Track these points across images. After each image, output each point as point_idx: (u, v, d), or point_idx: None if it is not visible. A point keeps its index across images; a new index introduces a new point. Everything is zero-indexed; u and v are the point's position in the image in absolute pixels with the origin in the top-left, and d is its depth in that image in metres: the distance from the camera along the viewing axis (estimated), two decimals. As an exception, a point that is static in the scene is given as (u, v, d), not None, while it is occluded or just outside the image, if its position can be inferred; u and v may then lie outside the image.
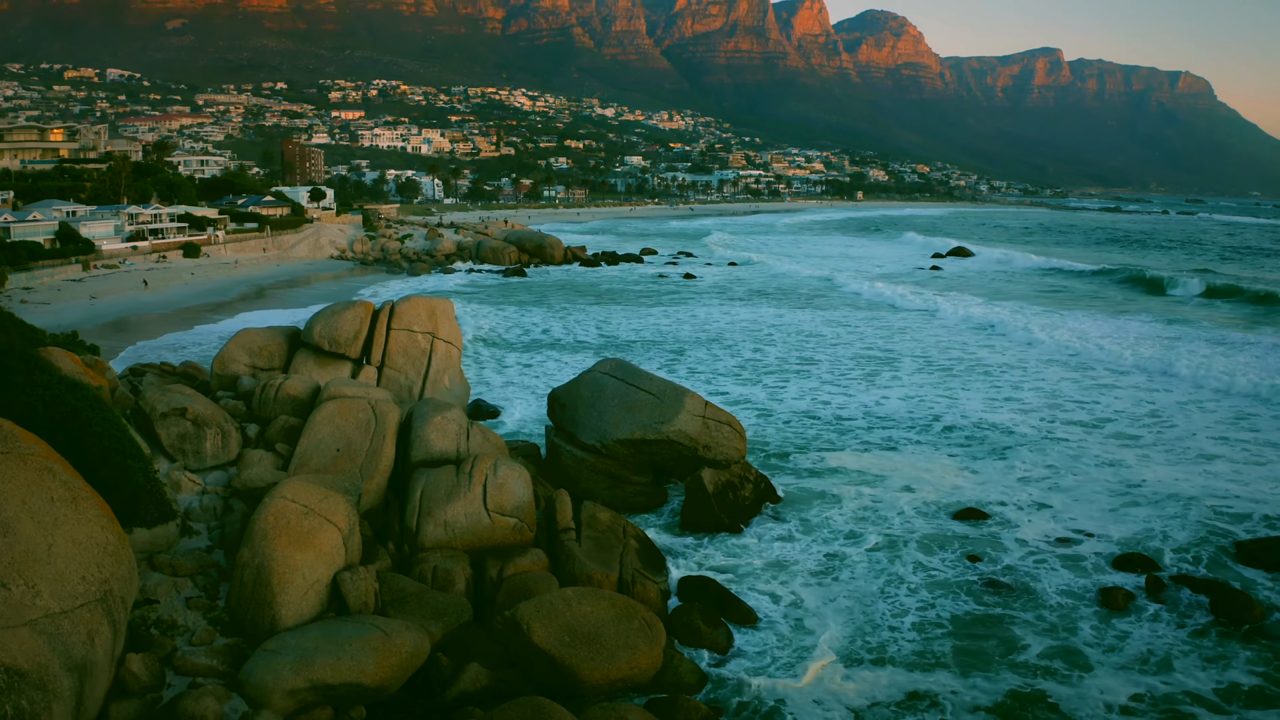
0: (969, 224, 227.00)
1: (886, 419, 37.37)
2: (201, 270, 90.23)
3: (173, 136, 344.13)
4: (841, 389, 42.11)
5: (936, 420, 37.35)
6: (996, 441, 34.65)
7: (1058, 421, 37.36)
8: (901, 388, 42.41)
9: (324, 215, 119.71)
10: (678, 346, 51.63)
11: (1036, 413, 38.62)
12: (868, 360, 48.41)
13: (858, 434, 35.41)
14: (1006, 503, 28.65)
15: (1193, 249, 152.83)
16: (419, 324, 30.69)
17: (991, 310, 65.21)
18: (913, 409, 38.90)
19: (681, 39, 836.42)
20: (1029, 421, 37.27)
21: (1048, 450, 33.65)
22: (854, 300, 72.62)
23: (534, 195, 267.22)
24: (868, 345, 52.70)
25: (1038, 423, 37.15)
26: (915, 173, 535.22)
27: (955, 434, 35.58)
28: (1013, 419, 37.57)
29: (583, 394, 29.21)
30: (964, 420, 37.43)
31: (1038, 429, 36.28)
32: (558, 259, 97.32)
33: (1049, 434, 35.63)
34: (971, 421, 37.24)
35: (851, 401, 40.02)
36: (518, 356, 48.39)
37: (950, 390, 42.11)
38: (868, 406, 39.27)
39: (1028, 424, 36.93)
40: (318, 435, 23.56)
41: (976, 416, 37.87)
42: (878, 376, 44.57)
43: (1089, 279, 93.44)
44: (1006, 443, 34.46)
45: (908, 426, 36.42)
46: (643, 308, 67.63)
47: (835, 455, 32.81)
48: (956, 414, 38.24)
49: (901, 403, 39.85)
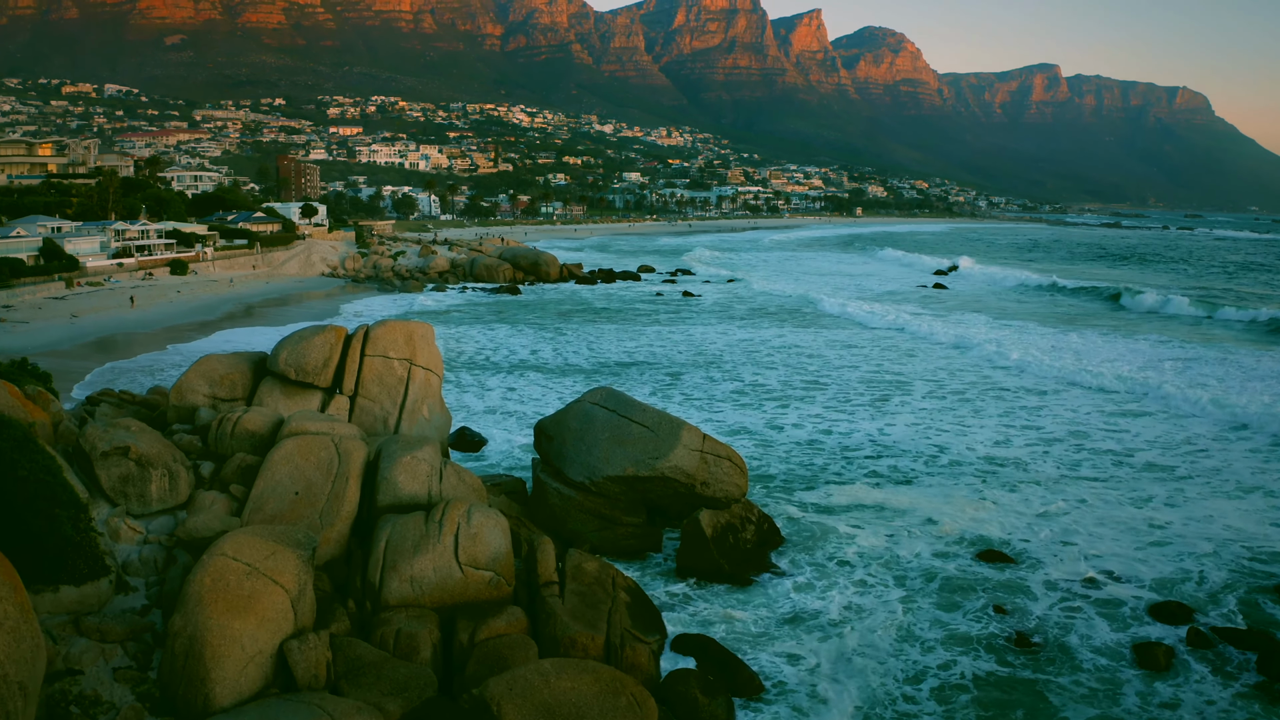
0: (969, 240, 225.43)
1: (895, 448, 35.18)
2: (188, 288, 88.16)
3: (169, 152, 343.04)
4: (847, 415, 39.95)
5: (949, 449, 35.18)
6: (1015, 473, 32.46)
7: (1081, 450, 35.17)
8: (911, 414, 40.24)
9: (315, 232, 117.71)
10: (673, 369, 49.47)
11: (1058, 441, 36.41)
12: (875, 384, 46.21)
13: (865, 464, 33.24)
14: (1029, 540, 26.50)
15: (1201, 265, 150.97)
16: (395, 350, 28.52)
17: (1002, 332, 63.10)
18: (924, 437, 36.72)
19: (680, 55, 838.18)
20: (1049, 450, 35.10)
21: (1070, 482, 31.48)
22: (858, 320, 70.45)
23: (531, 211, 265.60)
24: (875, 368, 50.49)
25: (1059, 452, 34.98)
26: (914, 189, 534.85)
27: (970, 464, 33.40)
28: (1031, 449, 35.39)
29: (571, 426, 27.04)
30: (979, 449, 35.26)
31: (1059, 459, 34.11)
32: (553, 276, 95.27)
33: (1071, 464, 33.46)
34: (987, 451, 35.07)
35: (858, 429, 37.86)
36: (506, 380, 46.21)
37: (962, 417, 39.92)
38: (875, 434, 37.09)
39: (1048, 453, 34.75)
40: (275, 476, 21.36)
41: (992, 445, 35.70)
42: (886, 402, 42.39)
43: (1101, 300, 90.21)
44: (1026, 474, 32.26)
45: (919, 456, 34.24)
46: (638, 327, 65.53)
47: (843, 489, 30.63)
48: (971, 442, 36.08)
49: (911, 430, 37.68)
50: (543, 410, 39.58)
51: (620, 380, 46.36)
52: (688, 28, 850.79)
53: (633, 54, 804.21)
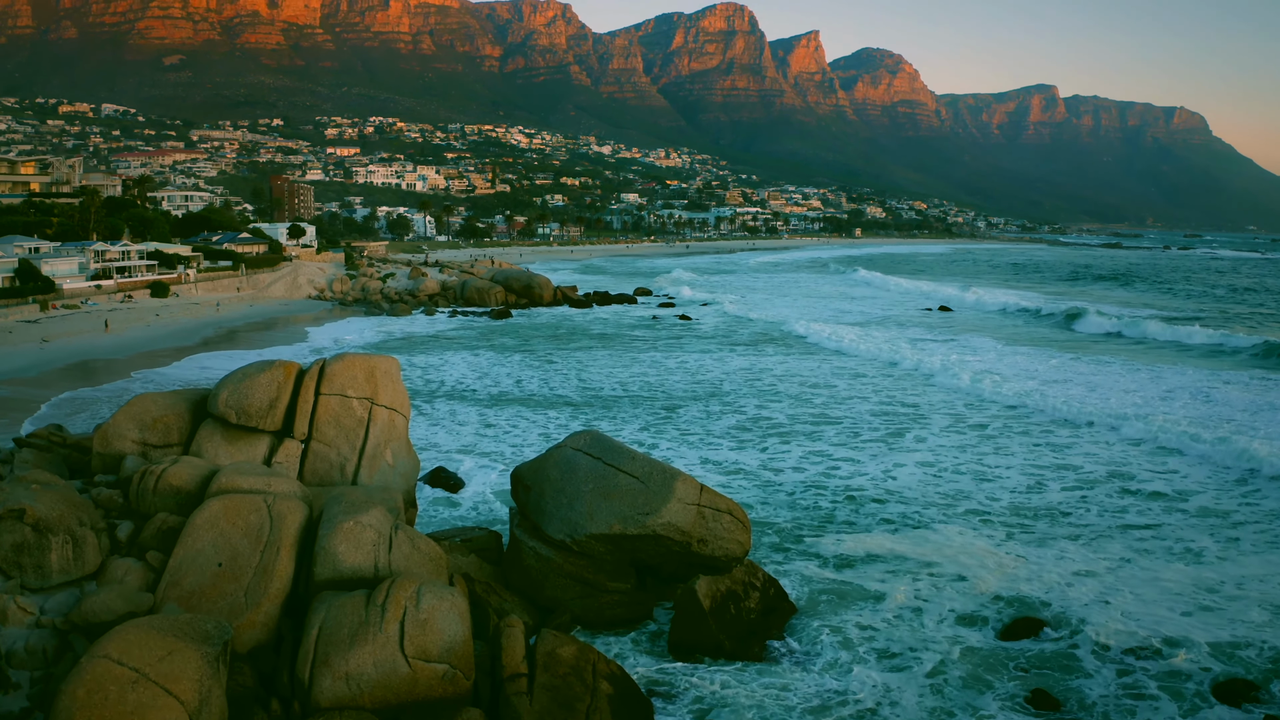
0: (974, 262, 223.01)
1: (913, 490, 31.98)
2: (168, 311, 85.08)
3: (165, 172, 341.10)
4: (858, 452, 36.78)
5: (973, 491, 31.99)
6: (1048, 518, 29.25)
7: (1121, 494, 31.95)
8: (929, 451, 37.03)
9: (303, 253, 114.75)
10: (669, 401, 46.28)
11: (1095, 485, 33.15)
12: (888, 417, 42.89)
13: (880, 509, 30.03)
14: (1068, 600, 23.29)
15: (1219, 288, 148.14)
16: (355, 387, 25.38)
17: (1022, 361, 59.97)
18: (944, 477, 33.53)
19: (678, 77, 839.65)
20: (1087, 495, 31.87)
21: (1110, 532, 28.27)
22: (864, 347, 67.22)
23: (528, 232, 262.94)
24: (886, 399, 47.16)
25: (1098, 496, 31.75)
26: (913, 210, 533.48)
27: (998, 508, 30.21)
28: (1066, 492, 32.15)
29: (550, 475, 23.87)
30: (1006, 491, 32.06)
31: (1095, 504, 30.89)
32: (546, 299, 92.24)
33: (1110, 510, 30.24)
34: (1016, 493, 31.87)
35: (871, 468, 34.68)
36: (488, 413, 43.02)
37: (984, 454, 36.70)
38: (891, 474, 33.90)
39: (1085, 498, 31.52)
40: (196, 545, 18.18)
41: (1024, 489, 32.47)
42: (900, 438, 39.16)
43: (1130, 326, 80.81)
44: (1059, 523, 29.04)
45: (940, 499, 31.02)
46: (632, 354, 62.42)
47: (856, 538, 27.46)
48: (998, 483, 32.87)
49: (930, 469, 34.49)
50: (526, 449, 36.43)
51: (611, 414, 43.23)
52: (686, 49, 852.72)
53: (631, 75, 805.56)
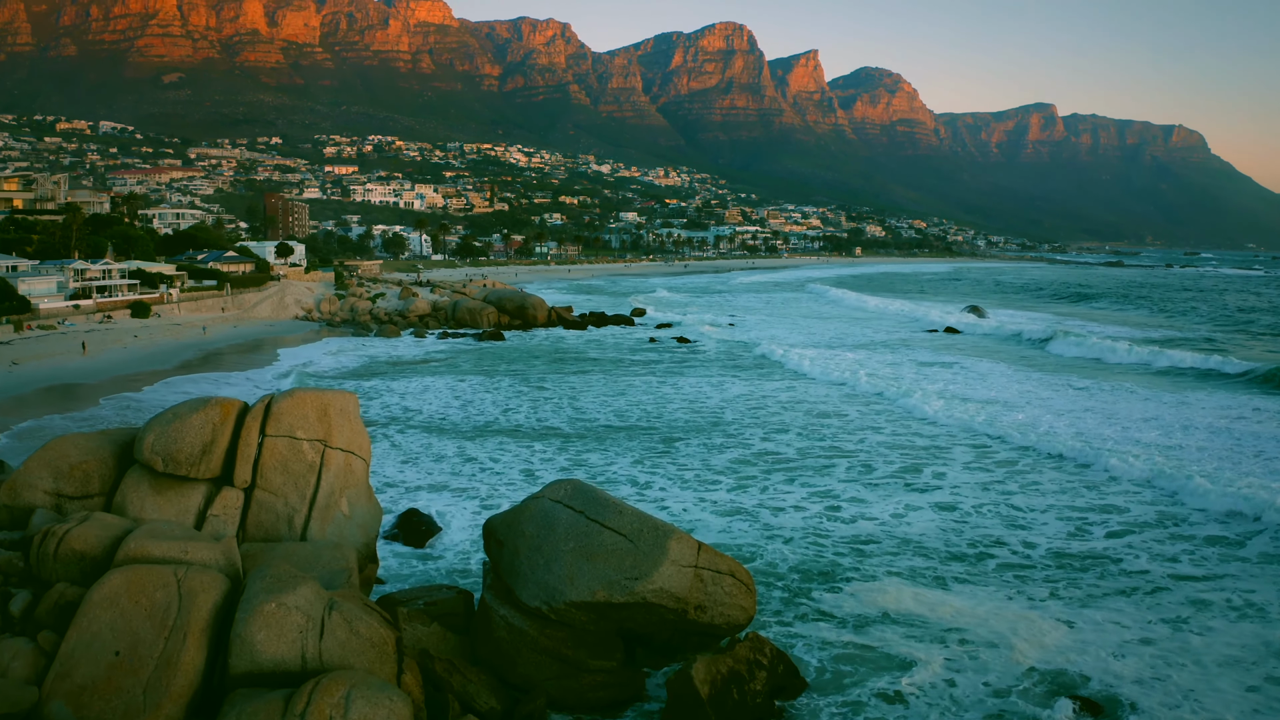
0: (977, 282, 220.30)
1: (933, 539, 28.86)
2: (148, 332, 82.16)
3: (160, 189, 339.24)
4: (869, 492, 33.66)
5: (1004, 536, 28.86)
6: (1094, 573, 26.10)
7: (1172, 539, 28.74)
8: (951, 492, 33.84)
9: (291, 272, 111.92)
10: (668, 433, 43.18)
11: (1144, 528, 29.92)
12: (903, 451, 39.54)
13: (898, 558, 26.91)
14: (1118, 678, 20.14)
15: (1232, 307, 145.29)
16: (305, 428, 22.37)
17: (1037, 389, 56.87)
18: (967, 524, 30.39)
19: (678, 96, 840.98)
20: (1130, 541, 28.67)
21: (1164, 583, 25.12)
22: (872, 371, 64.12)
23: (525, 251, 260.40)
24: (899, 431, 43.81)
25: (1145, 542, 28.55)
26: (912, 229, 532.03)
27: (1033, 556, 27.07)
28: (1110, 539, 28.99)
29: (526, 531, 20.80)
30: (1042, 536, 28.90)
31: (1144, 550, 27.70)
32: (540, 321, 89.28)
33: (1161, 557, 27.08)
34: (1053, 538, 28.70)
35: (882, 511, 31.59)
36: (470, 446, 39.94)
37: (1009, 494, 33.56)
38: (903, 519, 30.80)
39: (1128, 544, 28.33)
40: (92, 626, 15.13)
41: (1058, 534, 29.34)
42: (918, 473, 36.03)
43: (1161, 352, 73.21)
44: (1108, 575, 25.89)
45: (969, 547, 27.84)
46: (628, 379, 59.39)
47: (870, 594, 24.32)
48: (1032, 529, 29.69)
49: (949, 515, 31.36)
50: (507, 488, 33.37)
51: (604, 446, 40.17)
52: (685, 68, 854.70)
53: (630, 94, 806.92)
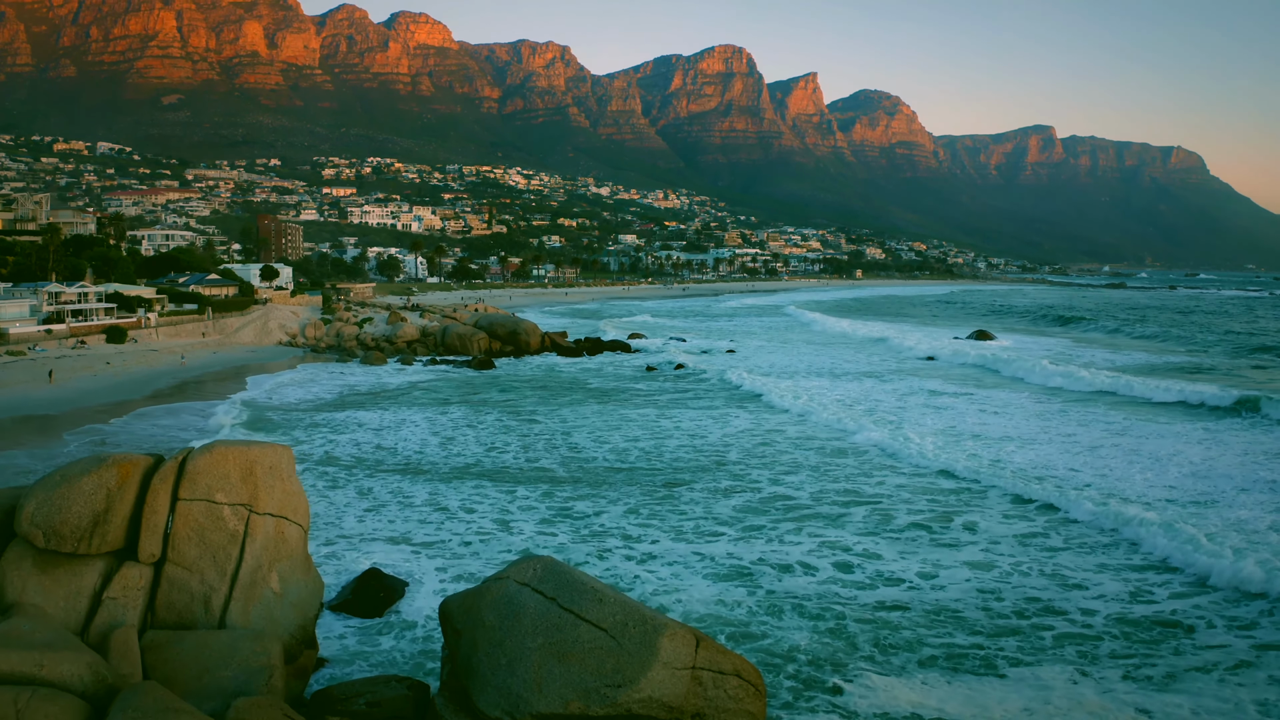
0: (982, 304, 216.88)
1: (971, 605, 25.06)
2: (122, 358, 78.50)
3: (156, 211, 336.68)
4: (891, 545, 29.87)
5: (1054, 604, 25.01)
6: (1168, 646, 22.29)
7: (1245, 600, 24.85)
8: (986, 547, 29.95)
9: (276, 295, 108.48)
10: (667, 474, 39.42)
11: (1211, 589, 26.07)
12: (931, 498, 35.73)
13: (928, 635, 23.12)
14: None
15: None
16: (226, 490, 18.72)
17: (1068, 425, 53.01)
18: (1009, 584, 26.56)
19: (677, 118, 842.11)
20: (1198, 603, 24.82)
21: (1253, 666, 21.30)
22: (891, 402, 60.31)
23: (522, 274, 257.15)
24: (923, 471, 39.80)
25: (1215, 604, 24.68)
26: (912, 251, 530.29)
27: (1094, 631, 23.28)
28: (1175, 600, 25.17)
29: (485, 620, 17.12)
30: (1098, 602, 25.10)
31: (1217, 615, 23.89)
32: (533, 347, 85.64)
33: (1239, 624, 23.29)
34: (1110, 605, 24.89)
35: (908, 570, 27.84)
36: (447, 491, 36.17)
37: (1054, 550, 29.69)
38: (933, 579, 27.04)
39: (1202, 612, 24.40)
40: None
41: (1118, 595, 25.51)
42: (948, 525, 32.25)
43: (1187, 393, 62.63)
44: (1184, 650, 22.08)
45: (1011, 624, 24.00)
46: (625, 411, 55.71)
47: (891, 690, 20.52)
48: (1085, 594, 25.87)
49: (986, 574, 27.56)
50: (481, 543, 29.64)
51: (597, 491, 36.43)
52: (684, 91, 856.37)
53: (630, 117, 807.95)
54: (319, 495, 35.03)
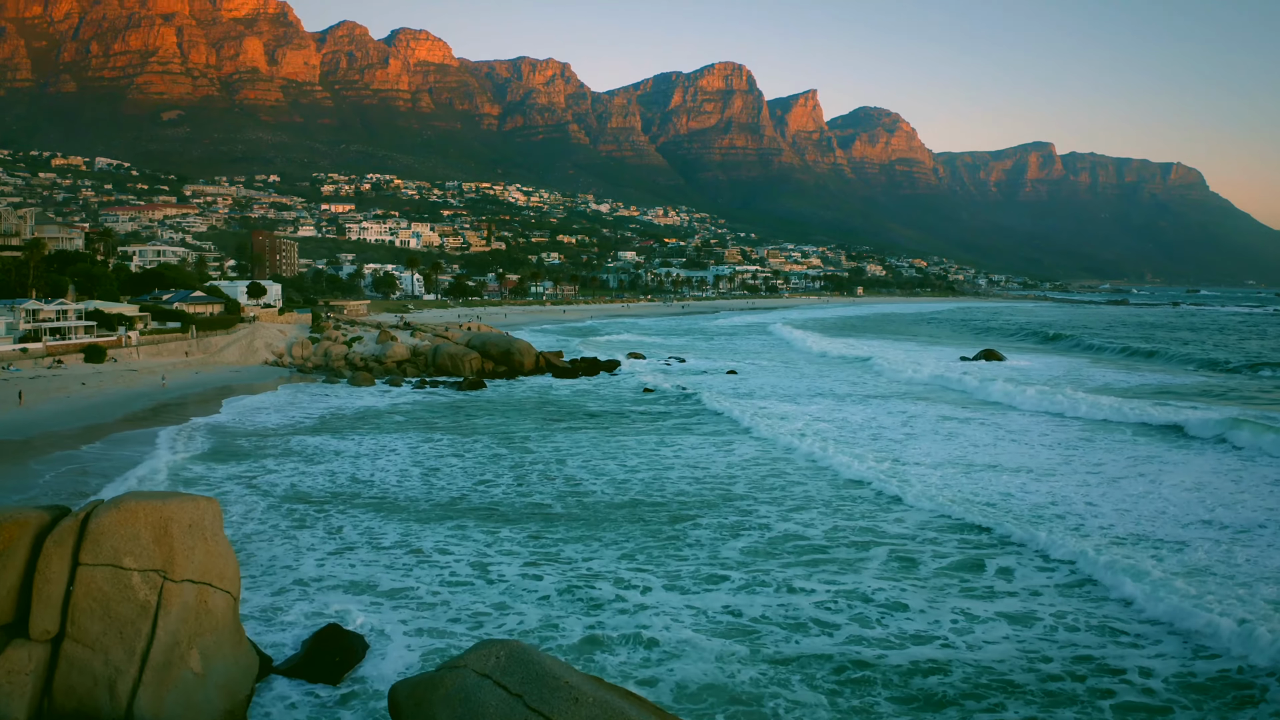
0: (990, 321, 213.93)
1: (1020, 667, 21.91)
2: (99, 379, 75.43)
3: (152, 226, 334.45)
4: (918, 594, 26.72)
5: (1112, 664, 21.84)
6: (1247, 715, 19.19)
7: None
8: (1027, 598, 26.92)
9: (264, 313, 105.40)
10: (670, 509, 36.15)
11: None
12: (961, 538, 32.25)
13: (980, 713, 19.99)
14: None
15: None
16: (136, 553, 15.68)
17: (1105, 452, 49.95)
18: (1052, 640, 23.43)
19: (677, 136, 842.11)
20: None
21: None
22: (907, 428, 56.93)
23: (520, 291, 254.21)
24: (950, 507, 36.41)
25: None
26: (913, 268, 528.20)
27: (1159, 698, 20.13)
28: (1243, 659, 22.06)
29: (437, 718, 14.05)
30: (1158, 666, 21.91)
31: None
32: (528, 367, 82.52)
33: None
34: (1170, 664, 21.72)
35: (942, 620, 24.69)
36: (425, 531, 33.03)
37: (1101, 597, 26.52)
38: (970, 636, 23.90)
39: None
40: None
41: (1178, 654, 22.31)
42: (980, 571, 29.05)
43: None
44: None
45: (1068, 689, 20.87)
46: (622, 438, 52.57)
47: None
48: (1142, 652, 22.72)
49: (1029, 630, 24.40)
50: (451, 591, 26.48)
51: (592, 531, 33.25)
52: (684, 108, 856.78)
53: (630, 134, 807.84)
54: (282, 535, 31.91)
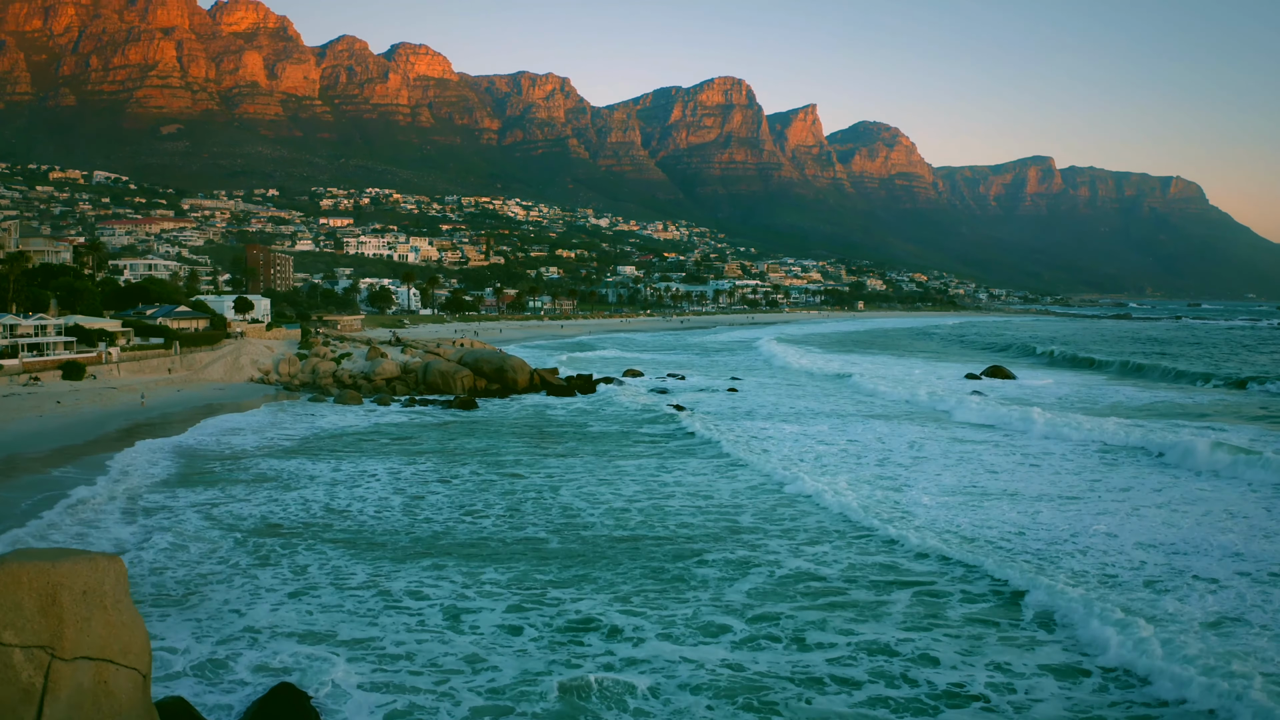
0: (994, 336, 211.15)
1: None
2: (75, 397, 72.54)
3: (149, 240, 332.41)
4: (952, 643, 23.81)
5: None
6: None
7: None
8: (1074, 646, 24.07)
9: (251, 329, 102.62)
10: (677, 546, 32.93)
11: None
12: (989, 579, 29.36)
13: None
14: None
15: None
16: (17, 626, 12.83)
17: (1131, 478, 47.04)
18: (1112, 698, 20.55)
19: (676, 150, 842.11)
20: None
21: None
22: (921, 449, 54.02)
23: (518, 306, 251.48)
24: (977, 534, 33.68)
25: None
26: (914, 282, 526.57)
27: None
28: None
29: None
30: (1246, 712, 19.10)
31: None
32: (522, 385, 79.63)
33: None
34: (1257, 713, 18.95)
35: (977, 678, 21.75)
36: (394, 573, 30.03)
37: (1165, 636, 23.72)
38: (1012, 695, 20.94)
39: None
40: None
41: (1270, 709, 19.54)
42: (1017, 613, 26.18)
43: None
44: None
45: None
46: (620, 462, 49.62)
47: None
48: (1223, 701, 19.86)
49: (1079, 689, 21.52)
50: (419, 643, 23.53)
51: (585, 570, 30.29)
52: (684, 123, 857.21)
53: (629, 149, 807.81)
54: (241, 574, 28.99)
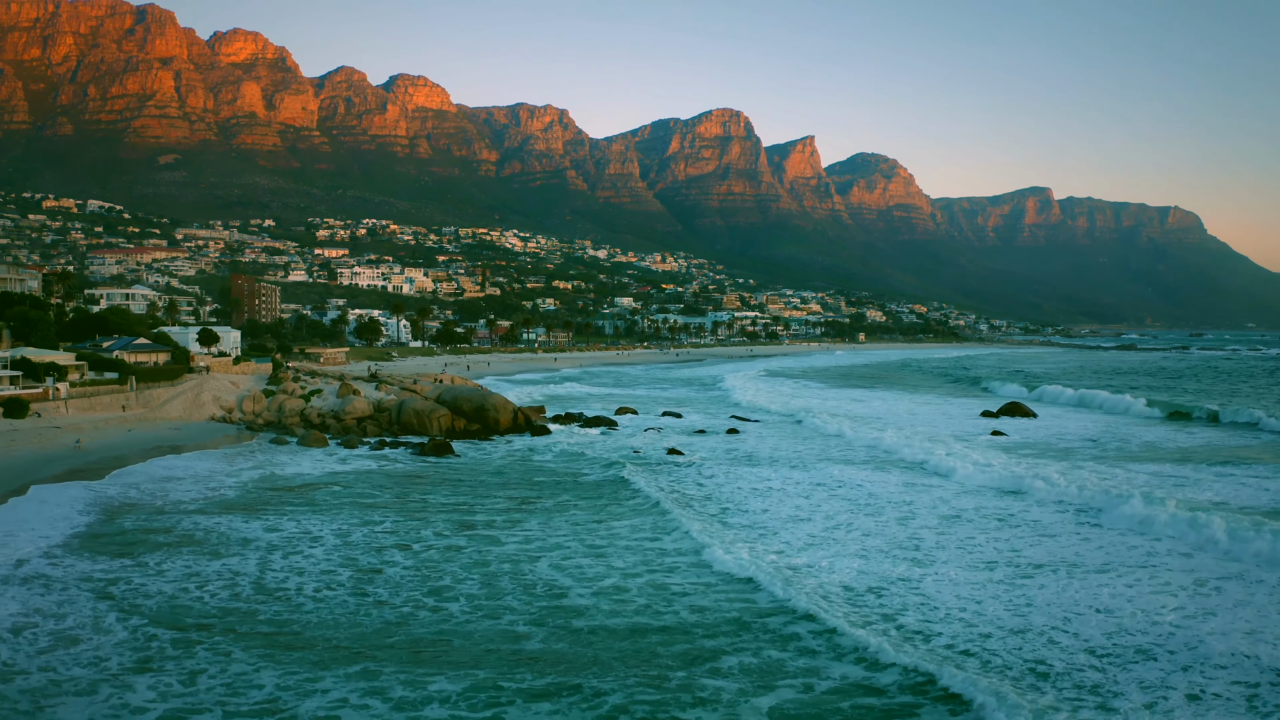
0: (1002, 369, 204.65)
1: None
2: (10, 438, 65.93)
3: (139, 270, 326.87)
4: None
5: None
6: None
7: None
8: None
9: (216, 363, 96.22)
10: (688, 642, 26.33)
11: None
12: (1080, 669, 23.42)
13: None
14: None
15: None
16: None
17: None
18: None
19: (675, 182, 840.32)
20: None
21: None
22: (950, 510, 47.89)
23: (511, 338, 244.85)
24: (1055, 614, 27.73)
25: None
26: (913, 313, 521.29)
27: None
28: None
29: None
30: None
31: None
32: (504, 425, 73.08)
33: None
34: None
35: None
36: (320, 683, 23.54)
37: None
38: None
39: None
40: None
41: None
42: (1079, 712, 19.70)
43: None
44: None
45: None
46: (615, 523, 42.93)
47: None
48: None
49: None
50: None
51: (572, 683, 23.84)
52: (682, 155, 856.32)
53: (627, 180, 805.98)
54: (110, 682, 22.47)
